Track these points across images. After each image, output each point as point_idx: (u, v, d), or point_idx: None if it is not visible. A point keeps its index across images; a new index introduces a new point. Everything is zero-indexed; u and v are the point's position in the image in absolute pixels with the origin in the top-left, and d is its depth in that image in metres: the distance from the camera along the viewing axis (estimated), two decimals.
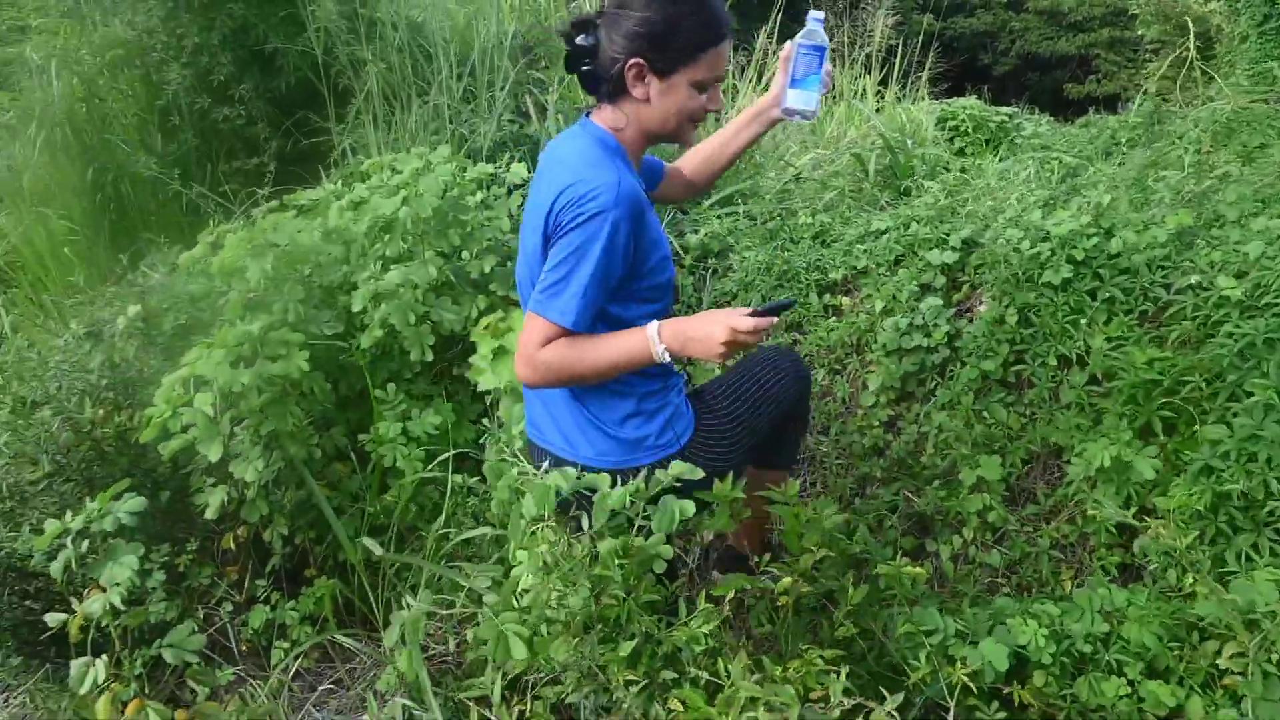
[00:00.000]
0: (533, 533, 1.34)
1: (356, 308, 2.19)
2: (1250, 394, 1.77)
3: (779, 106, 1.73)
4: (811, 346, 2.65)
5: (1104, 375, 2.08)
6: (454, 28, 3.97)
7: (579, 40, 1.49)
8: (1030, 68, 26.12)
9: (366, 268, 2.30)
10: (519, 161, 2.79)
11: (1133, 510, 1.82)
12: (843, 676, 1.19)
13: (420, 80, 3.58)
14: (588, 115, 1.59)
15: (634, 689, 1.22)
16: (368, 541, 1.96)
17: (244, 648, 2.22)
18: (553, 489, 1.36)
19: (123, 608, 1.59)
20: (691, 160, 1.89)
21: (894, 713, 1.15)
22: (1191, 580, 1.64)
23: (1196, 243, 2.11)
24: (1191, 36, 4.70)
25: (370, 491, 2.30)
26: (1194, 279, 2.00)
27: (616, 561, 1.26)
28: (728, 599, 1.42)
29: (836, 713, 1.12)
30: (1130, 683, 1.58)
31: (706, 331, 1.37)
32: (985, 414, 2.24)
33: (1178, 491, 1.79)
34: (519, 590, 1.36)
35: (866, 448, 2.43)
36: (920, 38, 6.92)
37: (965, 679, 1.44)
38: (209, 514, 2.10)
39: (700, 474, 1.47)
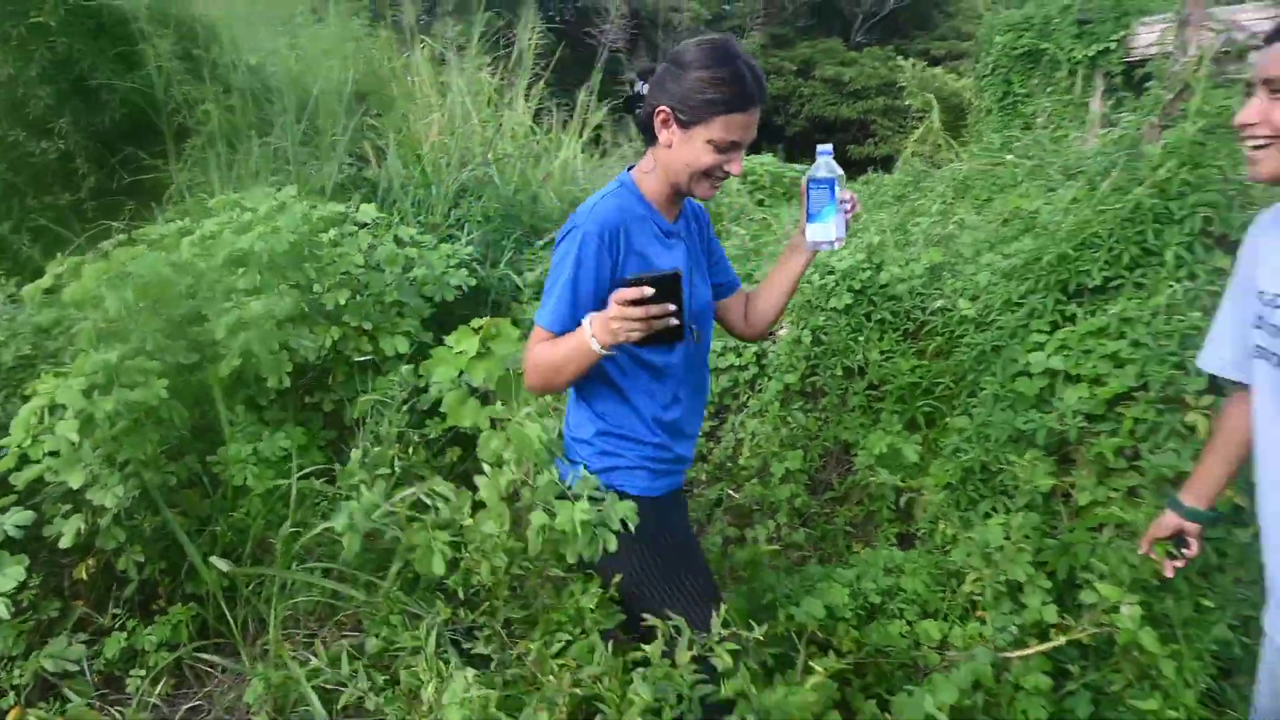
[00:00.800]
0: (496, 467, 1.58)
1: (220, 335, 2.28)
2: (983, 389, 2.27)
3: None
4: None
5: (879, 381, 2.55)
6: (290, 73, 4.07)
7: (638, 87, 1.64)
8: (818, 129, 28.54)
9: (217, 300, 2.40)
10: (367, 202, 2.97)
11: (902, 481, 2.26)
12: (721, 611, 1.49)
13: (262, 122, 3.66)
14: (630, 167, 1.67)
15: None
16: (218, 561, 2.05)
17: (97, 679, 2.21)
18: (538, 439, 1.61)
19: (6, 617, 1.63)
20: (746, 305, 1.86)
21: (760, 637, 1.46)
22: (949, 533, 2.09)
23: (943, 274, 2.64)
24: (936, 112, 5.54)
25: (222, 515, 2.37)
26: (940, 303, 2.51)
27: (539, 536, 1.50)
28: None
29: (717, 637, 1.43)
30: (909, 623, 1.99)
31: (606, 310, 1.39)
32: (789, 419, 2.65)
33: (935, 469, 2.25)
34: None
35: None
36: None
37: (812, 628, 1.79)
38: (64, 543, 2.10)
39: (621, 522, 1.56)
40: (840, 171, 1.61)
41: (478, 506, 1.65)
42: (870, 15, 29.10)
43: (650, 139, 1.57)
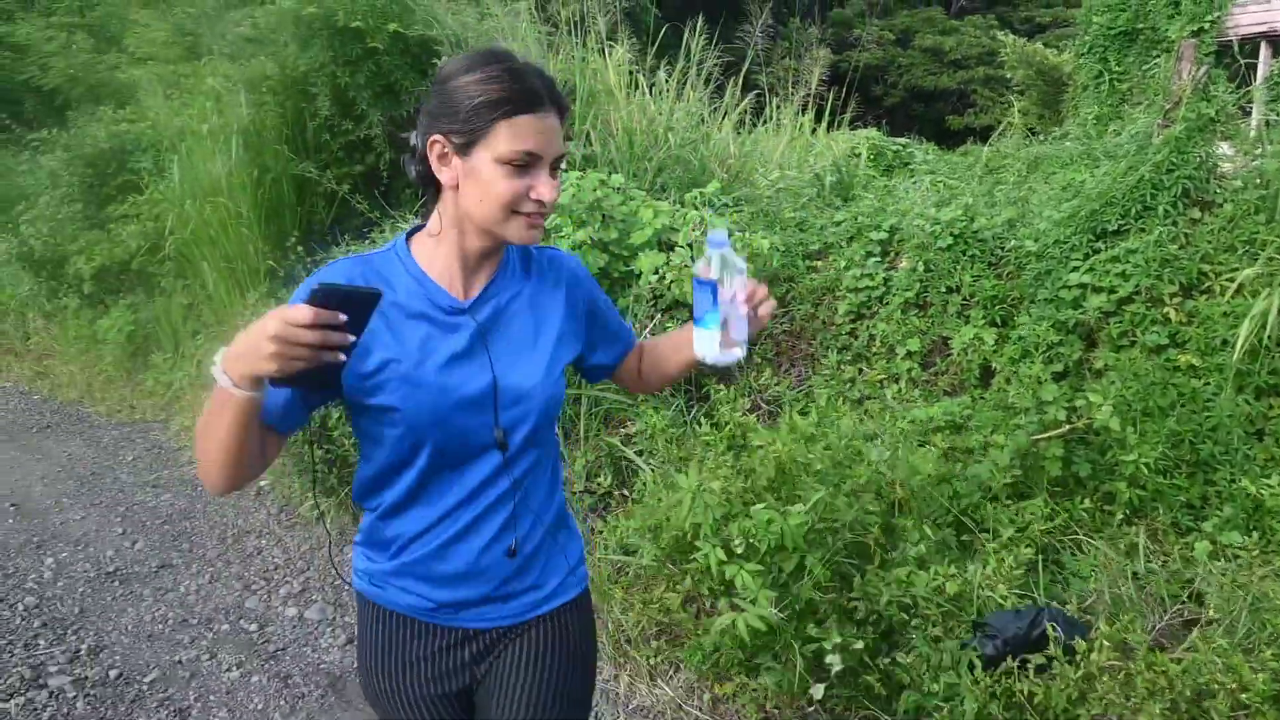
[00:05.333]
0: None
1: None
2: (1039, 298, 3.56)
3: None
4: (802, 290, 4.34)
5: (969, 295, 3.85)
6: None
7: (410, 141, 1.26)
8: (916, 99, 28.83)
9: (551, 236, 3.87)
10: (594, 173, 4.40)
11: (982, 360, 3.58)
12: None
13: None
14: (412, 230, 1.33)
15: None
16: None
17: None
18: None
19: None
20: (642, 358, 1.54)
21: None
22: (1009, 383, 3.40)
23: (1016, 224, 3.92)
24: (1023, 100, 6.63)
25: None
26: (1013, 243, 3.80)
27: None
28: None
29: None
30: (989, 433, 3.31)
31: (259, 326, 0.99)
32: (908, 321, 3.97)
33: (1008, 349, 3.56)
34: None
35: (839, 347, 4.13)
36: (818, 73, 8.72)
37: None
38: None
39: None
40: (740, 264, 1.22)
41: None
42: None
43: (429, 189, 1.26)
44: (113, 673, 2.98)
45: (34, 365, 7.51)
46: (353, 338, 1.01)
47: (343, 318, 0.99)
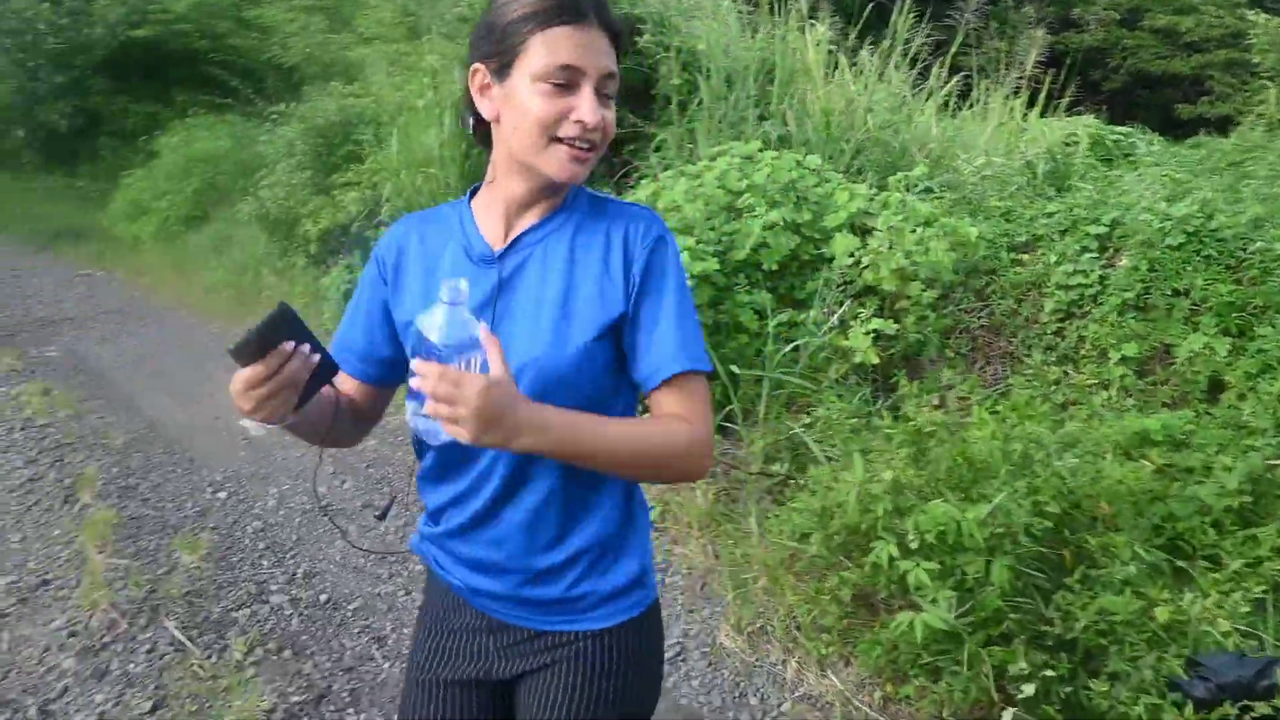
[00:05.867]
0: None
1: (755, 231, 3.73)
2: None
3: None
4: (1004, 284, 4.08)
5: (1200, 300, 3.48)
6: (722, 55, 5.51)
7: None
8: (1140, 85, 26.36)
9: (744, 213, 3.85)
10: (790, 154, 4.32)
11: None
12: None
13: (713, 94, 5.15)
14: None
15: None
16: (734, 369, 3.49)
17: None
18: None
19: None
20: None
21: None
22: (1239, 397, 3.06)
23: (1265, 224, 3.50)
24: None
25: (726, 343, 3.84)
26: (1259, 244, 3.40)
27: None
28: None
29: None
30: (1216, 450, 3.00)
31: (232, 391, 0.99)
32: (1125, 324, 3.65)
33: (1242, 365, 3.20)
34: None
35: (1043, 347, 3.86)
36: (1034, 54, 8.10)
37: None
38: None
39: None
40: (474, 332, 0.99)
41: None
42: None
43: (480, 133, 1.20)
44: (323, 596, 3.29)
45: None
46: (308, 348, 0.99)
47: (288, 346, 0.96)
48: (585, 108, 1.06)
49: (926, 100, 5.99)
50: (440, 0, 7.06)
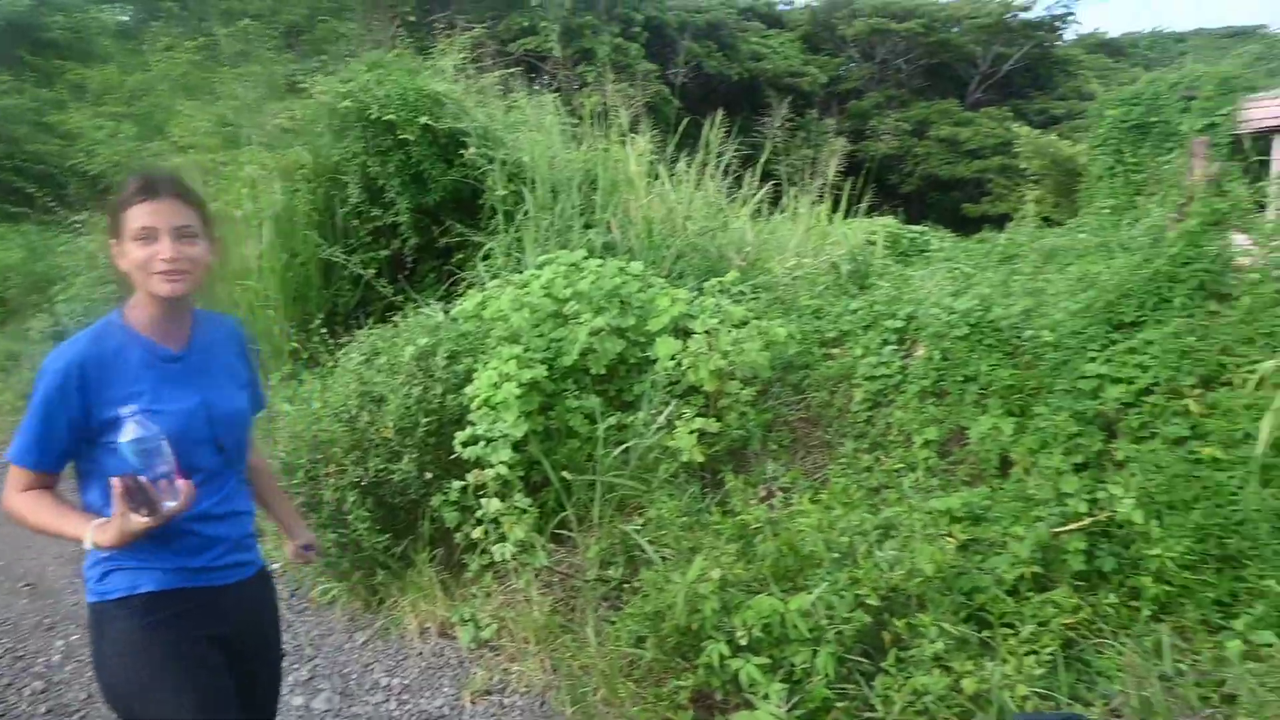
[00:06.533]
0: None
1: (580, 339, 3.79)
2: (1057, 387, 3.54)
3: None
4: (818, 377, 4.34)
5: (985, 385, 3.83)
6: (548, 166, 5.70)
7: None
8: (932, 187, 29.31)
9: (570, 320, 3.93)
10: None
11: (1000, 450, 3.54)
12: None
13: (538, 203, 5.30)
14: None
15: None
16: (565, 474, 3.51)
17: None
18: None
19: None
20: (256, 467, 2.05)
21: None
22: (1028, 475, 3.35)
23: (1032, 314, 3.93)
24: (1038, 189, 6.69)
25: (559, 446, 3.85)
26: (1029, 333, 3.80)
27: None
28: None
29: None
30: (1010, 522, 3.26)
31: None
32: (925, 410, 3.95)
33: (1026, 439, 3.53)
34: None
35: (855, 435, 4.11)
36: (835, 162, 8.88)
37: None
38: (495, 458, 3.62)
39: None
40: (168, 462, 1.60)
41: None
42: (987, 76, 30.05)
43: (126, 282, 1.71)
44: None
45: None
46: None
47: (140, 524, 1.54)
48: (166, 249, 1.66)
49: (741, 207, 6.40)
50: (260, 111, 6.96)
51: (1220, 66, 9.92)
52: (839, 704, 2.40)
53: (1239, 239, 3.72)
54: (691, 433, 3.63)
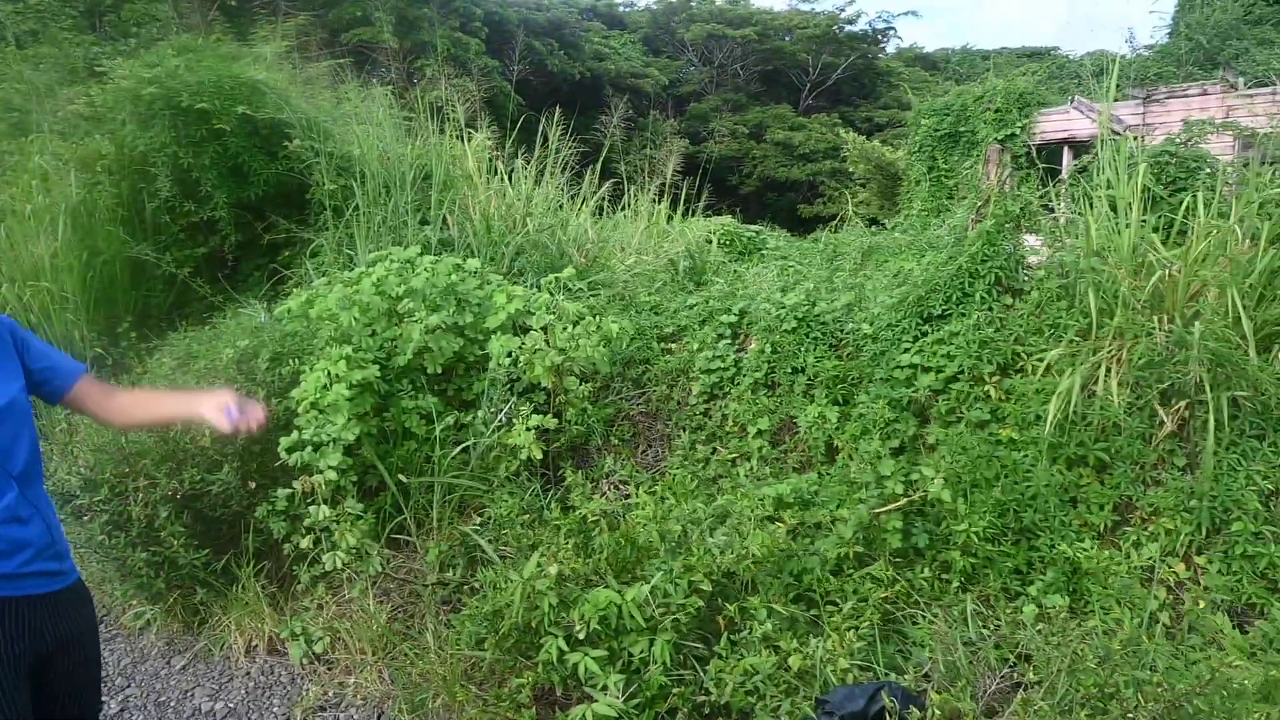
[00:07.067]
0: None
1: (414, 338, 3.68)
2: (875, 376, 3.77)
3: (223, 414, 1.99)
4: (657, 371, 4.43)
5: (813, 376, 4.03)
6: (381, 160, 5.51)
7: None
8: (770, 189, 30.50)
9: (405, 318, 3.81)
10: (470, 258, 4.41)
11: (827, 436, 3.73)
12: None
13: (369, 197, 5.11)
14: None
15: None
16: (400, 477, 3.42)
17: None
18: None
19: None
20: (114, 401, 2.06)
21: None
22: (850, 457, 3.55)
23: (854, 309, 4.16)
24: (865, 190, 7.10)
25: (395, 448, 3.73)
26: (851, 326, 4.03)
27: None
28: None
29: None
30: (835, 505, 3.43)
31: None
32: (757, 401, 4.11)
33: (850, 428, 3.73)
34: None
35: (693, 427, 4.22)
36: (674, 162, 9.11)
37: None
38: (324, 464, 3.46)
39: None
40: None
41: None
42: (817, 84, 31.63)
43: None
44: None
45: None
46: None
47: None
48: None
49: (581, 205, 6.42)
50: (53, 97, 6.33)
51: (1015, 82, 10.85)
52: (675, 690, 2.46)
53: (1029, 239, 4.10)
54: (530, 429, 3.61)
